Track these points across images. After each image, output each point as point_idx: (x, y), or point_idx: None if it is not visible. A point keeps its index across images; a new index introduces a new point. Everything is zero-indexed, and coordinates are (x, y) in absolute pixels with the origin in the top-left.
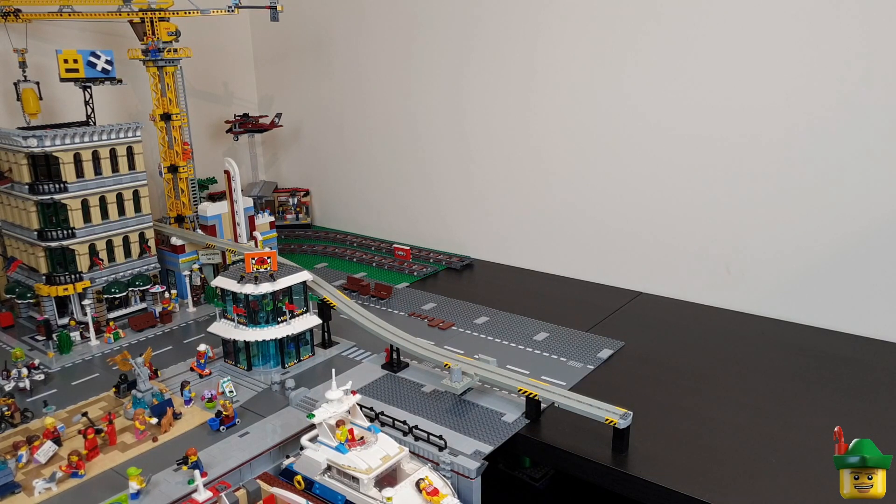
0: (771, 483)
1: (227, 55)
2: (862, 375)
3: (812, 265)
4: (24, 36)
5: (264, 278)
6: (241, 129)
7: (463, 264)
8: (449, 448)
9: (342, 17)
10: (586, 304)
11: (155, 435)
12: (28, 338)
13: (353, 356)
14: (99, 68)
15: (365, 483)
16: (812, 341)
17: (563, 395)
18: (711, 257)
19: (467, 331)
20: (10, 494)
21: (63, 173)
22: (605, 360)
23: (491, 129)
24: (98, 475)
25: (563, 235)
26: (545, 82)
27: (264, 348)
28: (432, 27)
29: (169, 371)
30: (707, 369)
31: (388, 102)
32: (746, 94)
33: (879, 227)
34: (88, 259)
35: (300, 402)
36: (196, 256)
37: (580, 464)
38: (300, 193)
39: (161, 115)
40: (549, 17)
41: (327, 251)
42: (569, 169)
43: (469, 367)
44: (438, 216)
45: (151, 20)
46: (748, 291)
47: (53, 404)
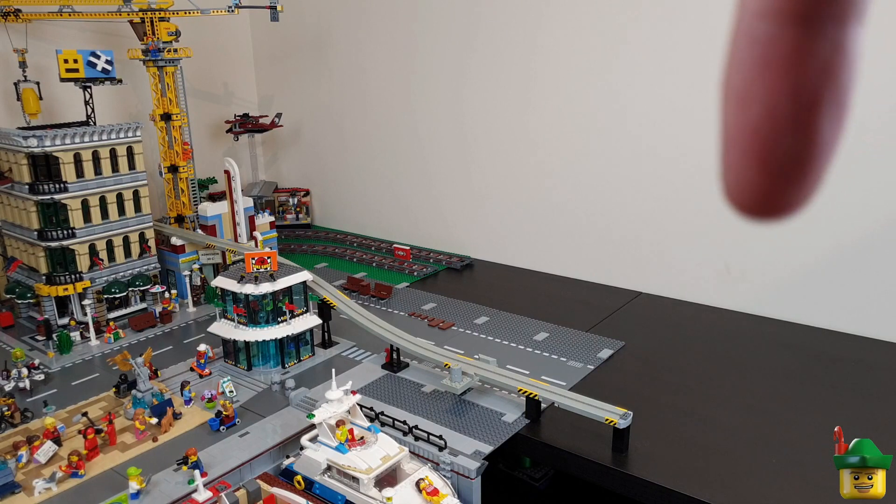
0: (771, 483)
1: (227, 55)
2: (862, 375)
3: (812, 265)
4: (24, 36)
5: (264, 278)
6: (241, 129)
7: (463, 264)
8: (449, 448)
9: (342, 17)
10: (586, 304)
11: (155, 435)
12: (28, 338)
13: (353, 356)
14: (99, 68)
15: (365, 483)
16: (812, 341)
17: (563, 395)
18: (711, 257)
19: (467, 331)
20: (10, 494)
21: (63, 173)
22: (605, 360)
23: (491, 129)
24: (98, 475)
25: (563, 235)
26: (545, 82)
27: (264, 348)
28: (433, 27)
29: (169, 371)
30: (707, 369)
31: (389, 102)
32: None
33: (880, 226)
34: (88, 259)
35: (300, 402)
36: (196, 256)
37: (580, 464)
38: (300, 193)
39: (161, 115)
40: (550, 18)
41: (327, 251)
42: (569, 169)
43: (469, 367)
44: (438, 216)
45: (151, 20)
46: (748, 291)
47: (53, 404)
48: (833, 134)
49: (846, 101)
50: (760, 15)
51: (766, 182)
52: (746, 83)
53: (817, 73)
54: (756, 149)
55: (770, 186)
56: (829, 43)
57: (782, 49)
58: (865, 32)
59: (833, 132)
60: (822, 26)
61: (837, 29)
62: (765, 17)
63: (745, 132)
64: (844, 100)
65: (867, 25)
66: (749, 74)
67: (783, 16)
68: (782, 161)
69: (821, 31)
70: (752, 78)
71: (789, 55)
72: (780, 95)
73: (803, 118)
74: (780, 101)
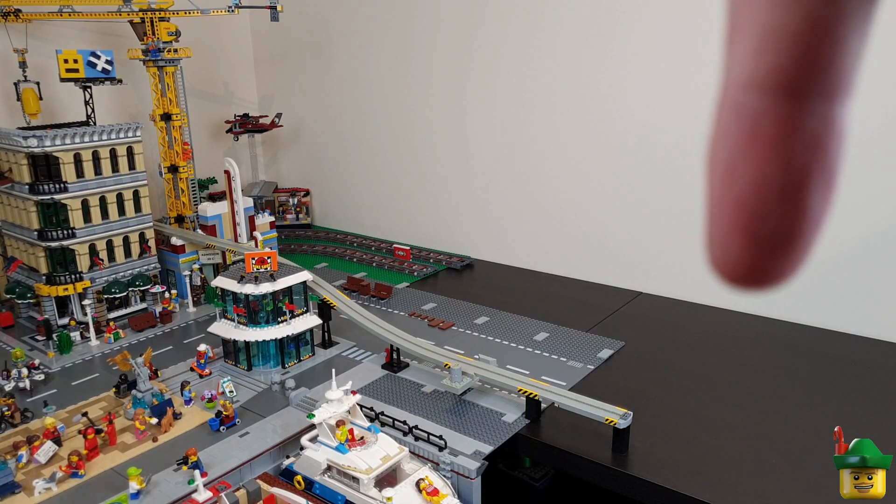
0: (771, 483)
1: (227, 55)
2: (862, 375)
3: (812, 265)
4: (24, 36)
5: (264, 278)
6: (241, 129)
7: (463, 264)
8: (449, 448)
9: (342, 17)
10: (586, 304)
11: (155, 435)
12: (28, 338)
13: (353, 356)
14: (99, 68)
15: (365, 483)
16: (812, 341)
17: (563, 395)
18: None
19: (467, 331)
20: (10, 494)
21: (63, 173)
22: (605, 360)
23: (491, 129)
24: (98, 475)
25: (563, 235)
26: (545, 82)
27: (264, 348)
28: (432, 28)
29: (169, 371)
30: (707, 369)
31: (389, 102)
32: None
33: (880, 226)
34: (88, 259)
35: (300, 402)
36: (196, 256)
37: (580, 464)
38: (300, 193)
39: (161, 115)
40: (549, 18)
41: (327, 251)
42: (569, 169)
43: (469, 367)
44: (438, 216)
45: (151, 20)
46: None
47: (53, 404)
48: (821, 208)
49: (835, 175)
50: (746, 87)
51: (752, 255)
52: (733, 156)
53: (806, 148)
54: (743, 223)
55: (757, 260)
56: (818, 118)
57: (770, 122)
58: (854, 107)
59: (821, 207)
60: (811, 101)
61: (826, 104)
62: (751, 89)
63: (732, 206)
64: (833, 174)
65: (856, 99)
66: (735, 147)
67: (770, 89)
68: (769, 235)
69: (809, 105)
70: (738, 151)
71: (777, 128)
72: (767, 169)
73: (791, 193)
74: (767, 174)
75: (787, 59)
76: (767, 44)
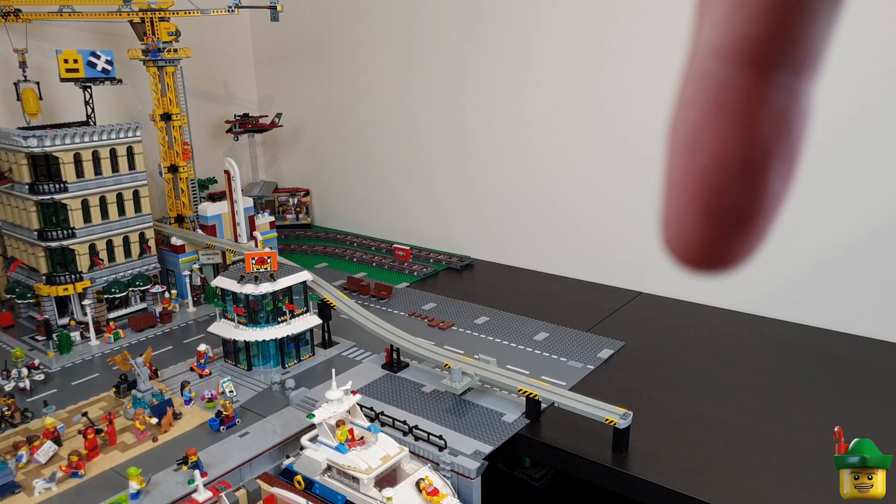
0: (771, 483)
1: (227, 55)
2: (862, 375)
3: (812, 265)
4: (24, 36)
5: (264, 278)
6: (241, 129)
7: (463, 264)
8: (449, 448)
9: (342, 16)
10: (586, 304)
11: (155, 435)
12: (28, 338)
13: (353, 356)
14: (99, 68)
15: (365, 483)
16: (812, 341)
17: (563, 395)
18: None
19: (467, 331)
20: (10, 494)
21: (63, 173)
22: (605, 360)
23: (491, 129)
24: (98, 475)
25: (562, 235)
26: (545, 82)
27: (264, 348)
28: (433, 28)
29: (169, 371)
30: (707, 369)
31: (389, 102)
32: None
33: (881, 226)
34: (88, 259)
35: (300, 402)
36: (196, 256)
37: (580, 464)
38: (300, 193)
39: (161, 115)
40: (549, 18)
41: (327, 251)
42: (569, 169)
43: (469, 367)
44: (438, 216)
45: (151, 20)
46: (748, 291)
47: (53, 404)
48: (782, 186)
49: (798, 153)
50: (714, 55)
51: (709, 234)
52: (696, 127)
53: (770, 121)
54: (702, 198)
55: (713, 238)
56: (784, 91)
57: (736, 92)
58: (820, 87)
59: (782, 185)
60: (778, 73)
61: (792, 78)
62: (719, 57)
63: (691, 179)
64: (796, 151)
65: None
66: (699, 117)
67: (738, 58)
68: (728, 212)
69: (775, 77)
70: (702, 121)
71: (742, 99)
72: (730, 142)
73: (753, 168)
74: (729, 148)
75: (757, 28)
76: (738, 12)
